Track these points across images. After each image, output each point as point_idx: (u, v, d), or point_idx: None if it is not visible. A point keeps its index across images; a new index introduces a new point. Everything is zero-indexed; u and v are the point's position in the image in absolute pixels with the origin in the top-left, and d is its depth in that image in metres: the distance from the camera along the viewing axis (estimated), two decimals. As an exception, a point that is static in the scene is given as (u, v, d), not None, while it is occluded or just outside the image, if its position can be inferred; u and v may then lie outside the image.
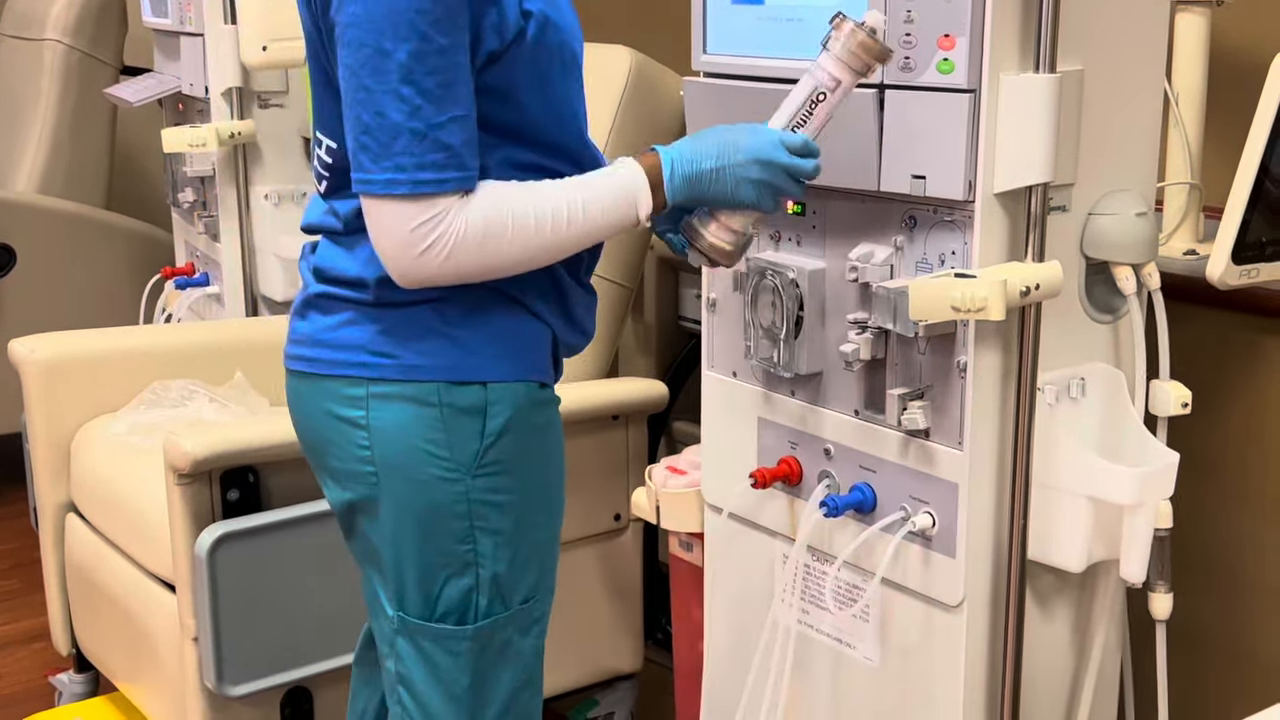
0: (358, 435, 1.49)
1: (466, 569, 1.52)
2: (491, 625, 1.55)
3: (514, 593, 1.56)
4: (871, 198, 1.65)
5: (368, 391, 1.48)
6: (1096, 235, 1.64)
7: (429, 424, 1.47)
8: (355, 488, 1.53)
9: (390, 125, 1.36)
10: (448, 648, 1.54)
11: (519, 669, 1.59)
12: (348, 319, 1.50)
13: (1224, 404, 2.03)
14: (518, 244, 1.42)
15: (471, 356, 1.48)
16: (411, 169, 1.36)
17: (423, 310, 1.47)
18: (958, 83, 1.53)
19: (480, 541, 1.51)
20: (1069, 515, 1.63)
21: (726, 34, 1.78)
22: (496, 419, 1.49)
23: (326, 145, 1.50)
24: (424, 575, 1.52)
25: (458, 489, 1.49)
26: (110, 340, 2.62)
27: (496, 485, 1.51)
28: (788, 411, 1.81)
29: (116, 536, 2.35)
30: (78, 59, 3.75)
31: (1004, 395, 1.61)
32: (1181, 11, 1.92)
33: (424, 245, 1.38)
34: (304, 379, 1.54)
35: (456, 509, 1.50)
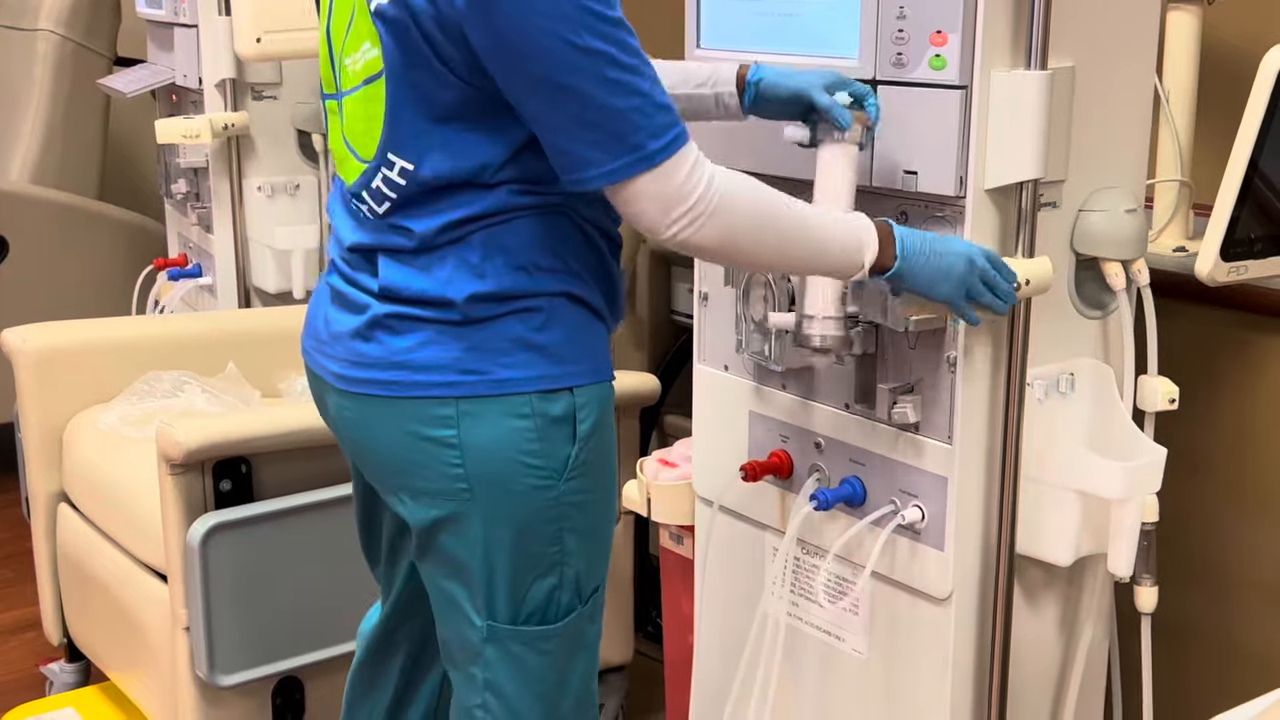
0: (449, 455, 1.49)
1: (553, 569, 1.54)
2: (576, 620, 1.58)
3: (588, 586, 1.59)
4: (863, 192, 1.66)
5: (458, 410, 1.47)
6: (1086, 231, 1.65)
7: (524, 436, 1.48)
8: (445, 505, 1.52)
9: (612, 111, 1.35)
10: (538, 648, 1.57)
11: (588, 656, 1.63)
12: (427, 339, 1.48)
13: (1212, 400, 2.04)
14: (766, 216, 1.42)
15: (558, 365, 1.50)
16: (650, 136, 1.36)
17: (508, 323, 1.48)
18: (950, 79, 1.53)
19: (567, 542, 1.54)
20: (1057, 509, 1.64)
21: (721, 28, 1.79)
22: (586, 423, 1.52)
23: (400, 167, 1.46)
24: (514, 581, 1.54)
25: (551, 495, 1.51)
26: (103, 331, 2.62)
27: (582, 486, 1.53)
28: (779, 405, 1.82)
29: (108, 526, 2.35)
30: (71, 49, 3.75)
31: (993, 390, 1.62)
32: (1172, 9, 1.93)
33: (692, 201, 1.38)
34: (378, 402, 1.51)
35: (549, 514, 1.52)
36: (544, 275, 1.48)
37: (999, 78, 1.53)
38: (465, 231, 1.46)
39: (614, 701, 2.55)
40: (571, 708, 1.63)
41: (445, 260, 1.46)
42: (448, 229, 1.46)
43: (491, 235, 1.46)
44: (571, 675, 1.61)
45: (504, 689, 1.58)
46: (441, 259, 1.47)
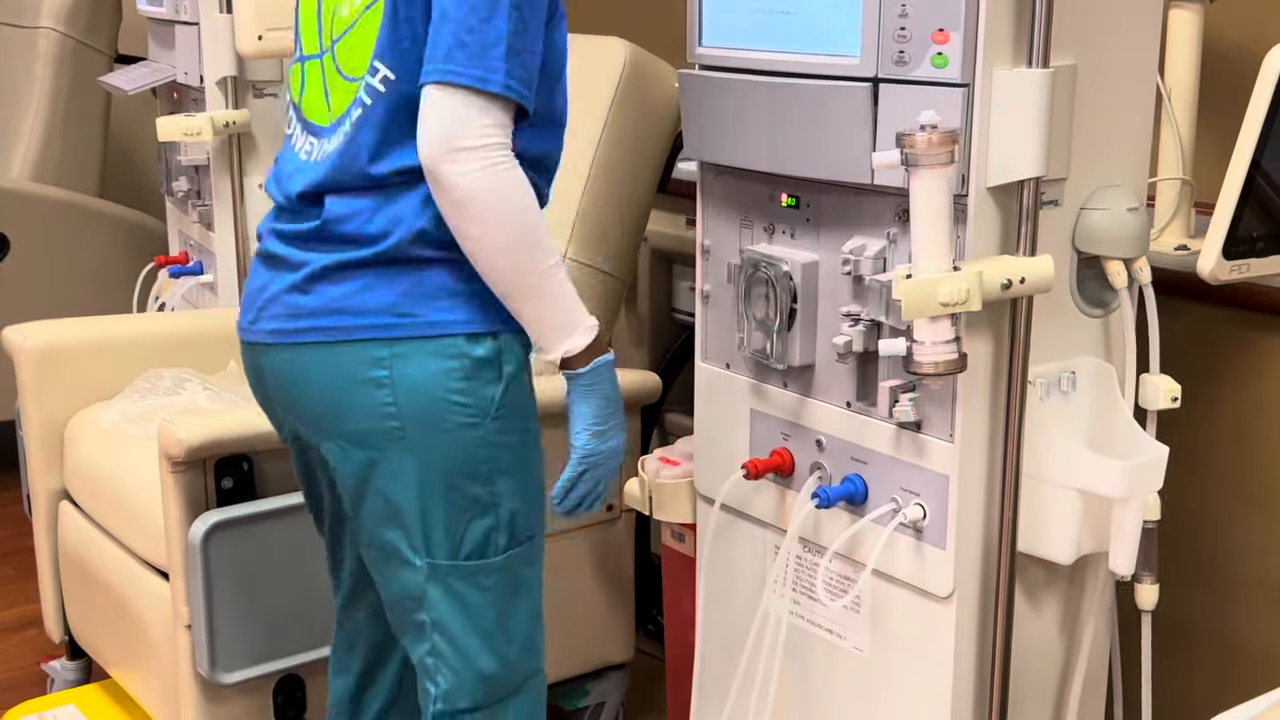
0: (382, 395, 1.58)
1: (488, 510, 1.64)
2: (511, 559, 1.67)
3: (524, 528, 1.68)
4: (865, 191, 1.66)
5: (390, 352, 1.57)
6: (1088, 230, 1.65)
7: (452, 376, 1.58)
8: (378, 445, 1.60)
9: (496, 32, 1.48)
10: (477, 583, 1.65)
11: (530, 602, 1.71)
12: (364, 285, 1.58)
13: (1214, 398, 2.04)
14: (521, 227, 1.53)
15: (483, 310, 1.59)
16: (504, 75, 1.49)
17: (439, 273, 1.58)
18: (951, 77, 1.53)
19: (498, 483, 1.63)
20: (1058, 508, 1.64)
21: (722, 26, 1.79)
22: (509, 365, 1.62)
23: (383, 75, 1.57)
24: (450, 520, 1.62)
25: (478, 434, 1.60)
26: (104, 328, 2.62)
27: (508, 427, 1.62)
28: (780, 403, 1.82)
29: (110, 524, 2.35)
30: (72, 47, 3.74)
31: (995, 388, 1.62)
32: (1174, 7, 1.93)
33: (482, 142, 1.49)
34: (315, 349, 1.60)
35: (479, 453, 1.61)
36: None
37: (1001, 76, 1.53)
38: (411, 177, 1.55)
39: (615, 699, 2.55)
40: (518, 653, 1.70)
41: (393, 200, 1.57)
42: (401, 173, 1.56)
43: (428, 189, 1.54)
44: (514, 618, 1.69)
45: (449, 628, 1.66)
46: (389, 198, 1.57)
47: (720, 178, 1.87)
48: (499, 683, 1.70)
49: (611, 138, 2.36)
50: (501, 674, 1.69)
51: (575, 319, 1.59)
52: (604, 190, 2.38)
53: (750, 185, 1.82)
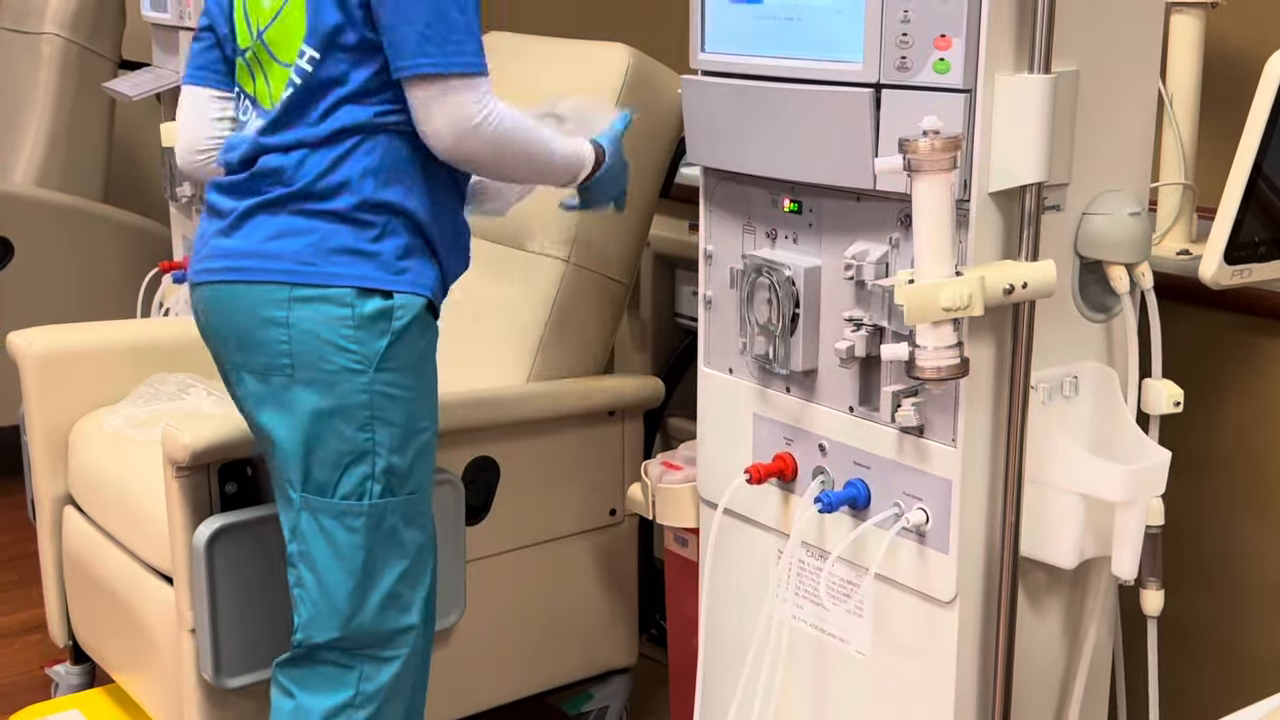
0: (279, 333, 1.75)
1: (364, 457, 1.77)
2: (384, 507, 1.80)
3: (403, 484, 1.81)
4: (867, 196, 1.66)
5: (290, 295, 1.74)
6: (1090, 234, 1.65)
7: (342, 323, 1.74)
8: (274, 380, 1.77)
9: (451, 21, 1.68)
10: (345, 524, 1.79)
11: (403, 557, 1.83)
12: (277, 232, 1.75)
13: (1216, 403, 2.04)
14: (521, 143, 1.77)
15: (380, 270, 1.75)
16: (474, 55, 1.70)
17: (343, 231, 1.75)
18: (953, 83, 1.54)
19: (378, 432, 1.77)
20: (1061, 512, 1.64)
21: (725, 32, 1.79)
22: (400, 321, 1.76)
23: (310, 56, 1.75)
24: (327, 460, 1.77)
25: (363, 379, 1.75)
26: (108, 333, 2.62)
27: (395, 380, 1.77)
28: (783, 408, 1.82)
29: (114, 529, 2.35)
30: (76, 53, 3.75)
31: (997, 393, 1.62)
32: (1176, 13, 1.93)
33: (480, 118, 1.71)
34: (233, 287, 1.78)
35: (360, 399, 1.75)
36: (394, 192, 1.76)
37: (1003, 81, 1.53)
38: (340, 136, 1.74)
39: (618, 703, 2.56)
40: (382, 604, 1.83)
41: (313, 154, 1.75)
42: (333, 136, 1.74)
43: (358, 144, 1.75)
44: (384, 570, 1.82)
45: (315, 560, 1.81)
46: (311, 152, 1.75)
47: (723, 183, 1.87)
48: (358, 627, 1.82)
49: (614, 143, 2.36)
50: (363, 619, 1.82)
51: (580, 160, 1.87)
52: (607, 195, 2.38)
53: (753, 190, 1.82)
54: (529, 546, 2.36)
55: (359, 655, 1.84)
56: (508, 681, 2.38)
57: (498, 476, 2.29)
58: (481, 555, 2.29)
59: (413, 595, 1.86)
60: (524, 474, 2.32)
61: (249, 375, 1.80)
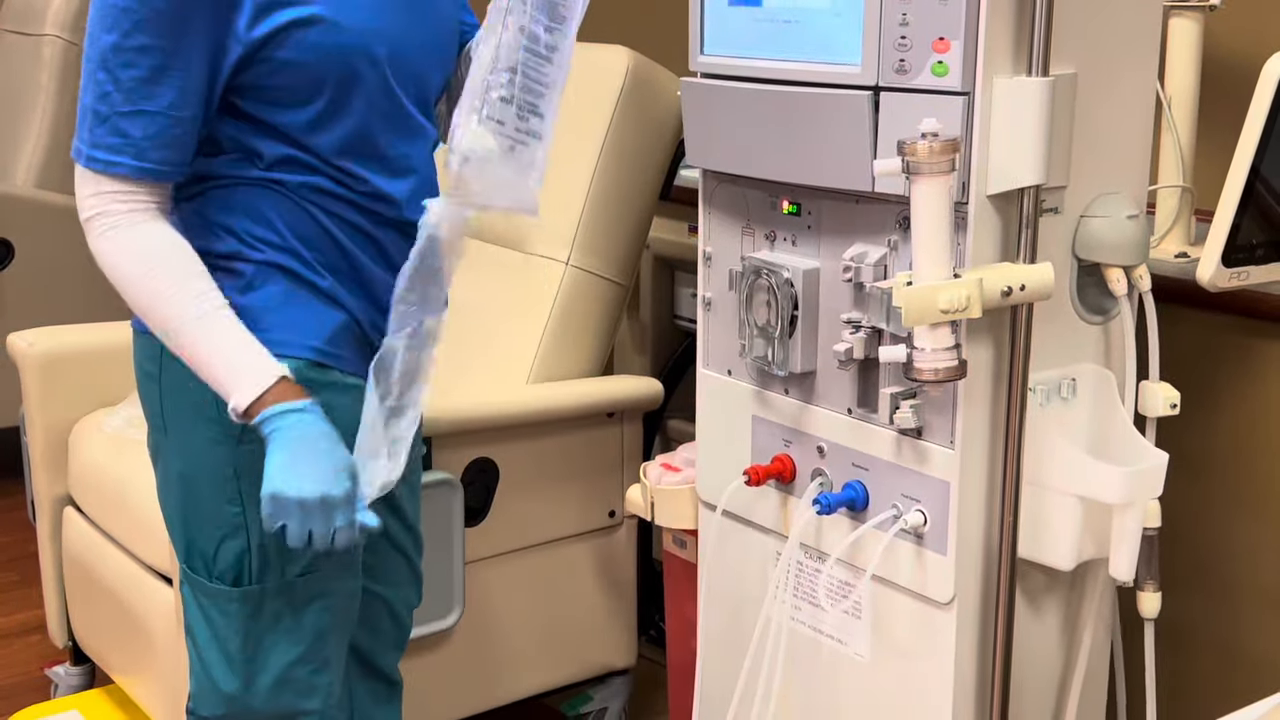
0: (154, 388, 1.62)
1: (237, 531, 1.59)
2: (260, 592, 1.60)
3: (290, 564, 1.59)
4: (866, 198, 1.67)
5: (162, 350, 1.57)
6: (1088, 237, 1.66)
7: (207, 389, 1.53)
8: (155, 436, 1.66)
9: (83, 105, 1.51)
10: (219, 606, 1.61)
11: (294, 642, 1.62)
12: None
13: (1213, 405, 2.04)
14: (135, 293, 1.56)
15: (252, 329, 1.53)
16: (89, 145, 1.51)
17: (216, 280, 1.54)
18: (952, 85, 1.54)
19: (249, 508, 1.57)
20: (1059, 514, 1.65)
21: (724, 35, 1.79)
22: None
23: None
24: (201, 532, 1.61)
25: (224, 450, 1.57)
26: (108, 334, 2.62)
27: (262, 453, 1.50)
28: (781, 410, 1.83)
29: (114, 530, 2.36)
30: (77, 54, 3.75)
31: (995, 395, 1.63)
32: (1174, 15, 1.93)
33: (88, 215, 1.54)
34: (131, 334, 1.67)
35: (225, 471, 1.58)
36: (254, 245, 1.57)
37: (1001, 84, 1.54)
38: (194, 190, 1.57)
39: (617, 705, 2.56)
40: (271, 687, 1.62)
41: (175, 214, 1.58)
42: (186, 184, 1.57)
43: (212, 198, 1.57)
44: (268, 653, 1.61)
45: (195, 636, 1.65)
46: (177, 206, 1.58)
47: (722, 185, 1.88)
48: (244, 707, 1.63)
49: (613, 145, 2.37)
50: (247, 699, 1.62)
51: (234, 374, 1.50)
52: (606, 197, 2.38)
53: (752, 192, 1.83)
54: (528, 548, 2.37)
55: None
56: (506, 683, 2.38)
57: (497, 478, 2.30)
58: (480, 557, 2.30)
59: (312, 679, 1.65)
60: (523, 475, 2.32)
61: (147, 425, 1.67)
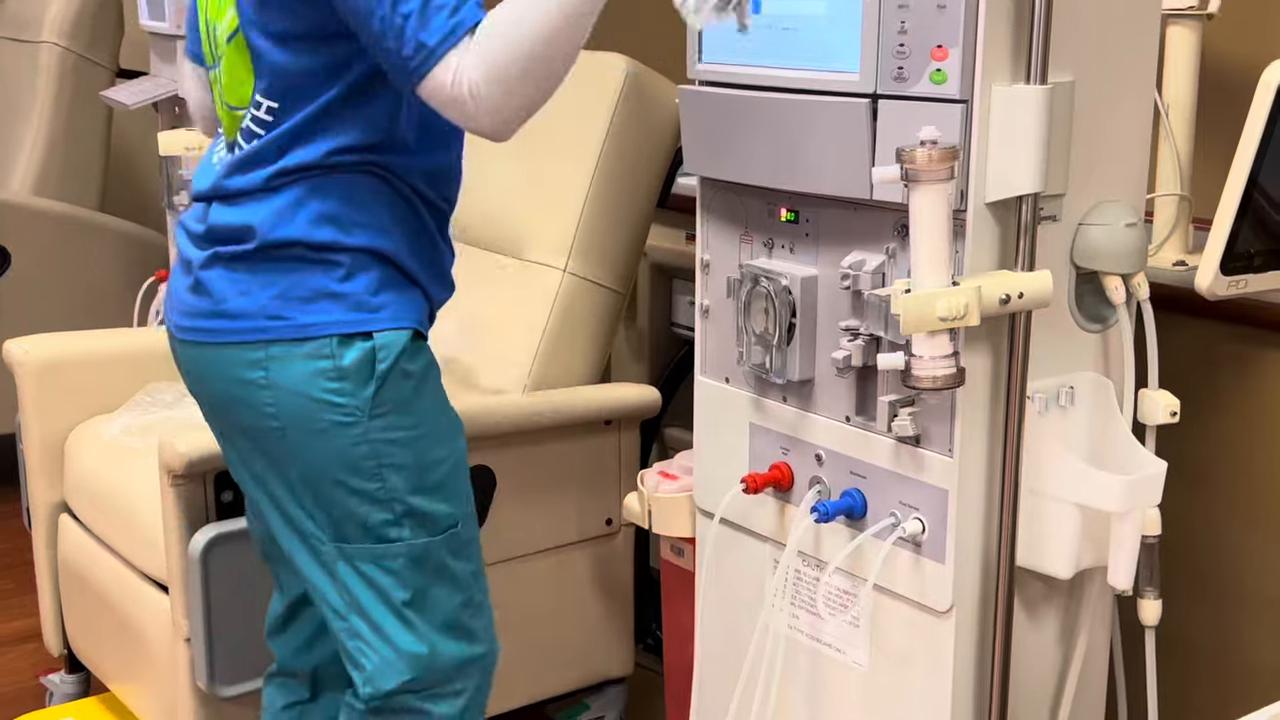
0: (263, 395, 1.64)
1: (381, 504, 1.67)
2: (423, 547, 1.70)
3: (437, 522, 1.71)
4: (864, 206, 1.67)
5: (267, 354, 1.63)
6: (1086, 245, 1.66)
7: (325, 376, 1.62)
8: (267, 441, 1.67)
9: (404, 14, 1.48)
10: (383, 565, 1.69)
11: (456, 588, 1.74)
12: (241, 289, 1.64)
13: (1212, 413, 2.04)
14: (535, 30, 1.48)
15: (356, 312, 1.63)
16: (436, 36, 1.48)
17: (311, 274, 1.63)
18: (950, 93, 1.54)
19: (388, 478, 1.66)
20: (1058, 522, 1.64)
21: (722, 42, 1.79)
22: (384, 363, 1.64)
23: (267, 106, 1.63)
24: (346, 511, 1.67)
25: (357, 431, 1.64)
26: (104, 342, 2.63)
27: (392, 424, 1.65)
28: (779, 417, 1.82)
29: (109, 537, 2.35)
30: (74, 62, 3.75)
31: (994, 403, 1.62)
32: (1172, 24, 1.93)
33: (453, 87, 1.48)
34: (206, 348, 1.68)
35: (360, 450, 1.64)
36: (353, 231, 1.63)
37: (999, 92, 1.54)
38: (287, 180, 1.62)
39: (614, 714, 2.55)
40: (442, 634, 1.73)
41: (266, 204, 1.62)
42: (276, 176, 1.62)
43: (312, 186, 1.62)
44: (435, 601, 1.72)
45: (364, 607, 1.70)
46: (263, 202, 1.63)
47: (720, 193, 1.88)
48: (425, 664, 1.72)
49: (611, 153, 2.37)
50: (426, 655, 1.72)
51: None
52: (604, 205, 2.38)
53: (750, 200, 1.83)
54: (525, 556, 2.36)
55: (432, 695, 1.75)
56: (503, 691, 2.37)
57: (494, 485, 2.29)
58: (478, 564, 2.29)
59: (472, 621, 1.77)
60: (520, 483, 2.32)
61: (240, 436, 1.71)
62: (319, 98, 1.60)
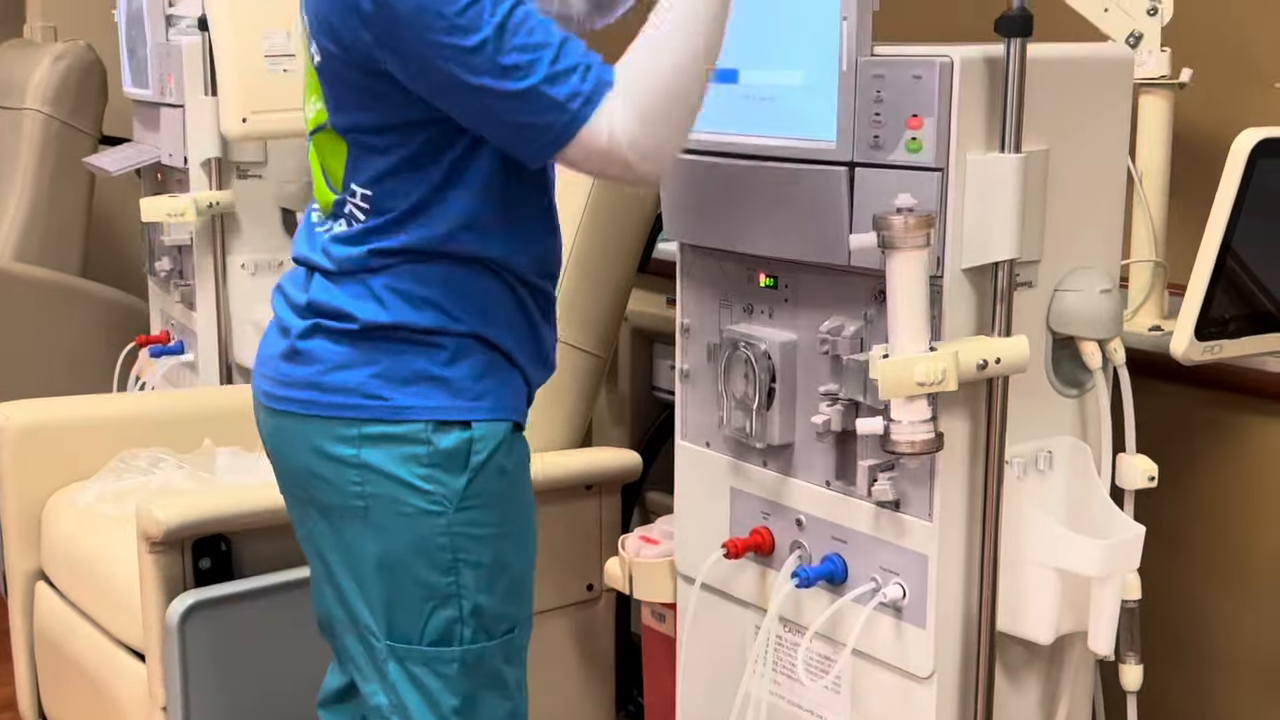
0: (350, 473, 1.58)
1: (450, 600, 1.60)
2: (479, 652, 1.63)
3: (497, 624, 1.64)
4: (842, 271, 1.68)
5: (360, 432, 1.57)
6: (1062, 311, 1.67)
7: (418, 461, 1.57)
8: (345, 519, 1.61)
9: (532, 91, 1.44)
10: (436, 670, 1.62)
11: (505, 696, 1.67)
12: (341, 362, 1.58)
13: (1190, 478, 2.05)
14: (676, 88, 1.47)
15: (456, 398, 1.58)
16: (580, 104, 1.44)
17: (413, 356, 1.57)
18: (926, 161, 1.56)
19: (462, 574, 1.60)
20: (1038, 587, 1.64)
21: (701, 112, 1.81)
22: (479, 455, 1.58)
23: (362, 194, 1.57)
24: (410, 605, 1.60)
25: (441, 522, 1.58)
26: (83, 408, 2.62)
27: (477, 519, 1.59)
28: (760, 482, 1.83)
29: (86, 605, 2.33)
30: (57, 128, 3.77)
31: (972, 467, 1.63)
32: (1144, 93, 1.96)
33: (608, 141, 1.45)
34: (294, 419, 1.62)
35: (439, 541, 1.58)
36: (455, 316, 1.58)
37: (974, 160, 1.56)
38: (389, 263, 1.57)
39: (595, 782, 2.53)
40: None
41: (368, 286, 1.57)
42: (379, 256, 1.57)
43: (415, 272, 1.57)
44: (482, 710, 1.64)
45: (411, 712, 1.63)
46: (365, 284, 1.58)
47: (700, 258, 1.89)
48: None
49: (593, 218, 2.39)
50: None
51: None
52: (585, 270, 2.39)
53: (729, 265, 1.84)
54: (506, 622, 2.35)
55: None
56: (483, 760, 2.35)
57: (474, 551, 2.28)
58: (458, 631, 2.28)
59: None
60: (501, 549, 2.31)
61: (315, 513, 1.65)
62: (416, 186, 1.55)
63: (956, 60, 1.54)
